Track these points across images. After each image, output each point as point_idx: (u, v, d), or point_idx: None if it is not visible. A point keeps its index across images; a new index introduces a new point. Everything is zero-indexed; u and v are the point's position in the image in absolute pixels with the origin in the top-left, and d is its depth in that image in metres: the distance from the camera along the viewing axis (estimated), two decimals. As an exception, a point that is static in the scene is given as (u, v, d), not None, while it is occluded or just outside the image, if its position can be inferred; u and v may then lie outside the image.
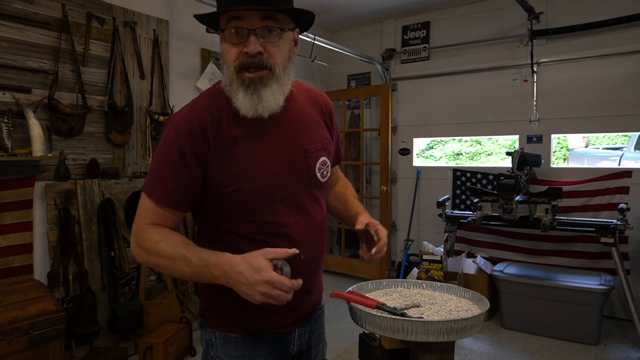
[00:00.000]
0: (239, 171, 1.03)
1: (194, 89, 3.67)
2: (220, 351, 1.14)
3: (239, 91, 1.01)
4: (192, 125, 1.01)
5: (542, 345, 3.21)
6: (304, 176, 1.11)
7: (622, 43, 3.56)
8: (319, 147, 1.15)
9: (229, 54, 1.01)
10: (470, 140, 6.89)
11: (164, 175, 1.03)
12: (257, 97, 1.00)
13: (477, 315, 0.97)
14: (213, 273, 0.96)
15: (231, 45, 1.00)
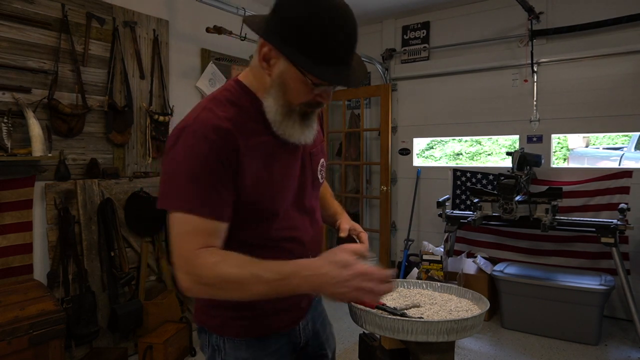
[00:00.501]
0: (259, 179, 1.00)
1: (194, 89, 3.67)
2: (230, 355, 1.10)
3: (296, 122, 1.02)
4: (223, 134, 0.95)
5: (542, 345, 3.21)
6: (310, 179, 1.15)
7: (622, 43, 3.56)
8: (319, 149, 1.18)
9: (300, 95, 0.98)
10: (470, 140, 6.89)
11: (200, 184, 0.93)
12: (310, 129, 1.06)
13: (477, 315, 0.97)
14: (293, 283, 0.89)
15: (308, 90, 0.97)
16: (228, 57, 3.90)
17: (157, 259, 3.22)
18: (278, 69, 0.96)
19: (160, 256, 3.22)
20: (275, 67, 0.97)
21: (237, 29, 3.42)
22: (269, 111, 1.00)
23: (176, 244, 0.94)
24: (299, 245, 1.08)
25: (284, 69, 0.95)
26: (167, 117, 3.34)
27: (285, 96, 0.98)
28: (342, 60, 0.94)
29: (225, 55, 3.87)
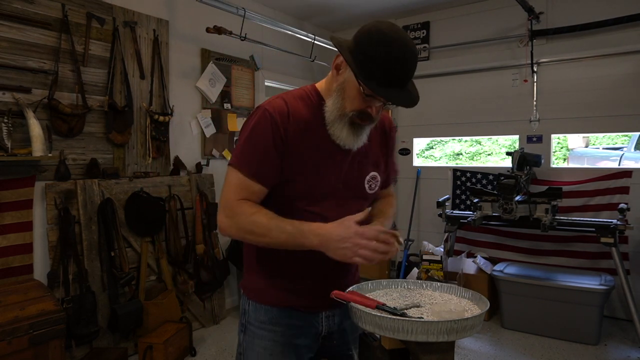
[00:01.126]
0: (299, 166, 1.18)
1: (194, 89, 3.67)
2: (251, 317, 1.28)
3: (344, 127, 1.18)
4: (282, 117, 1.16)
5: (542, 345, 3.21)
6: (353, 185, 1.26)
7: (622, 43, 3.56)
8: (372, 162, 1.30)
9: (354, 102, 1.14)
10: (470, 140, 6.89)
11: (255, 152, 1.15)
12: (358, 137, 1.20)
13: (477, 315, 0.97)
14: (308, 238, 1.09)
15: (363, 100, 1.13)
16: (228, 57, 3.90)
17: (157, 259, 3.22)
18: (343, 77, 1.16)
19: (160, 256, 3.22)
20: (341, 75, 1.16)
21: (237, 29, 3.42)
22: (327, 110, 1.19)
23: (225, 192, 1.18)
24: None
25: (347, 77, 1.14)
26: (167, 117, 3.34)
27: (342, 101, 1.16)
28: (394, 83, 1.08)
29: (225, 55, 3.87)
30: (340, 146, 1.20)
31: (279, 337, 1.25)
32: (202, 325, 3.50)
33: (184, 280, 3.32)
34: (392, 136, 1.41)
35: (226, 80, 3.88)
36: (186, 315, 3.35)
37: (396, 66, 1.06)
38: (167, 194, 3.31)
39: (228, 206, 1.16)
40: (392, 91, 1.09)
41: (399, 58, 1.06)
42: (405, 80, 1.10)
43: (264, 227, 1.11)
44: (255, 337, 1.27)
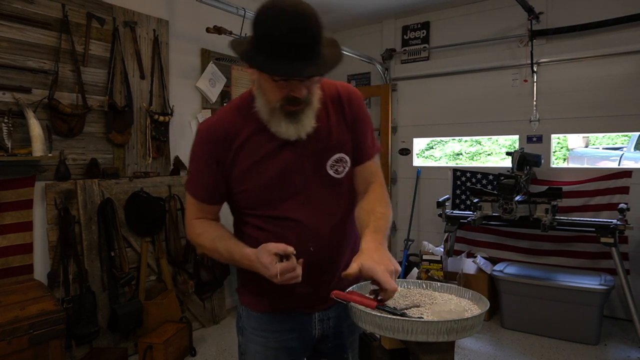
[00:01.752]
0: (247, 173, 1.17)
1: (194, 89, 3.67)
2: (245, 323, 1.31)
3: (281, 120, 1.12)
4: (213, 134, 1.18)
5: (542, 345, 3.21)
6: (316, 174, 1.19)
7: (622, 43, 3.56)
8: (334, 144, 1.21)
9: (273, 93, 1.09)
10: (470, 140, 6.89)
11: (196, 174, 1.22)
12: (300, 125, 1.13)
13: (477, 315, 0.97)
14: (241, 263, 1.16)
15: (276, 87, 1.07)
16: (228, 57, 3.89)
17: (157, 259, 3.22)
18: (256, 74, 1.11)
19: (160, 256, 3.22)
20: (254, 73, 1.11)
21: (237, 29, 3.42)
22: (259, 112, 1.14)
23: (185, 211, 1.30)
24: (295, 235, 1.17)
25: (258, 73, 1.09)
26: (167, 117, 3.34)
27: (264, 97, 1.12)
28: (295, 55, 1.00)
29: (225, 55, 3.87)
30: (289, 140, 1.14)
31: (271, 342, 1.26)
32: (202, 325, 3.50)
33: (184, 280, 3.32)
34: (354, 105, 1.24)
35: (226, 80, 3.88)
36: (186, 315, 3.35)
37: (282, 36, 0.98)
38: (167, 194, 3.30)
39: (186, 224, 1.29)
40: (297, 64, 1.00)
41: (281, 25, 0.98)
42: (303, 47, 1.00)
43: (207, 249, 1.22)
44: (250, 341, 1.29)
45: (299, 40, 1.00)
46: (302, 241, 1.16)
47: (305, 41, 1.00)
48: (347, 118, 1.24)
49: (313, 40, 1.02)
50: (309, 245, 1.17)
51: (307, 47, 1.01)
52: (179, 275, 3.34)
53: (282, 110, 1.10)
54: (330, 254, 1.23)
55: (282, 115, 1.11)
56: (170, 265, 3.29)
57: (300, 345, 1.28)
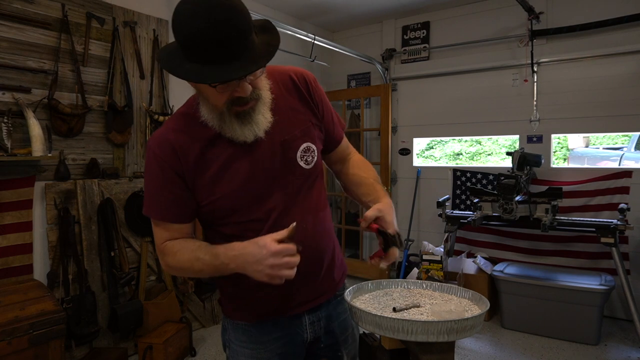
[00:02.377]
0: (213, 182, 1.08)
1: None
2: (232, 336, 1.23)
3: (233, 123, 1.03)
4: (165, 146, 1.06)
5: (542, 345, 3.21)
6: (287, 168, 1.11)
7: (623, 43, 3.56)
8: (298, 134, 1.13)
9: (215, 98, 0.99)
10: (470, 140, 6.89)
11: (156, 195, 1.09)
12: (254, 124, 1.04)
13: (477, 315, 0.97)
14: (224, 262, 1.01)
15: (217, 91, 0.97)
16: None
17: (157, 259, 3.22)
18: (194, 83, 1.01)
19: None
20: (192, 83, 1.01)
21: (237, 29, 3.42)
22: (207, 120, 1.05)
23: (154, 237, 1.15)
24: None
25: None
26: (167, 117, 3.34)
27: (208, 102, 1.03)
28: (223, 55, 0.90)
29: (225, 55, 3.86)
30: (247, 142, 1.06)
31: (262, 353, 1.19)
32: (202, 325, 3.50)
33: (183, 280, 3.32)
34: (313, 89, 1.19)
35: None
36: (186, 315, 3.35)
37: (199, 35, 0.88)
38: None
39: (158, 251, 1.14)
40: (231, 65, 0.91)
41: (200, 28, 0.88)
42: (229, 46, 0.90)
43: (188, 263, 1.07)
44: (239, 355, 1.21)
45: (220, 36, 0.88)
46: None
47: (228, 35, 0.88)
48: (310, 104, 1.18)
49: (237, 31, 0.89)
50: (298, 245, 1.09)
51: (232, 42, 0.89)
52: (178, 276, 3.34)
53: (231, 112, 1.01)
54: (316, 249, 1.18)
55: (233, 117, 1.02)
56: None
57: (292, 350, 1.22)
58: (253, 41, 0.94)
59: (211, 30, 0.88)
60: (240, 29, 0.90)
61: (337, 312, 1.28)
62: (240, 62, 0.91)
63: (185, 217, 1.12)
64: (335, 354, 1.29)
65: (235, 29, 0.89)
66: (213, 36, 0.88)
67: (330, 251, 1.23)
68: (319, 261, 1.20)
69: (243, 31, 0.91)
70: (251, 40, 0.93)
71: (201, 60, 0.91)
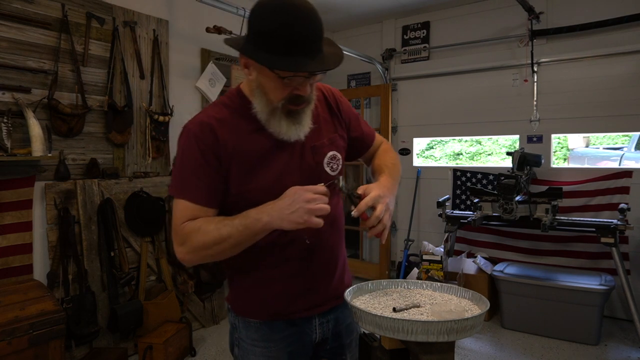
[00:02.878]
0: (249, 172, 1.11)
1: (194, 89, 3.67)
2: (242, 334, 1.25)
3: (282, 120, 1.09)
4: (206, 130, 1.09)
5: (542, 345, 3.21)
6: (314, 172, 1.17)
7: (623, 43, 3.56)
8: (326, 142, 1.21)
9: (275, 92, 1.05)
10: (470, 140, 6.89)
11: (189, 176, 1.09)
12: (300, 125, 1.11)
13: (477, 315, 0.97)
14: (256, 217, 1.02)
15: (281, 85, 1.04)
16: (228, 57, 3.89)
17: (157, 259, 3.21)
18: (255, 73, 1.07)
19: (160, 256, 3.22)
20: (252, 72, 1.08)
21: (237, 29, 3.42)
22: (257, 112, 1.10)
23: (173, 222, 1.12)
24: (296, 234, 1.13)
25: (258, 69, 1.05)
26: (167, 117, 3.33)
27: (265, 96, 1.08)
28: (300, 50, 0.98)
29: (225, 55, 3.87)
30: (284, 141, 1.12)
31: (272, 352, 1.22)
32: (202, 325, 3.50)
33: (183, 280, 3.32)
34: (340, 101, 1.30)
35: (226, 80, 3.88)
36: (186, 315, 3.35)
37: (294, 32, 0.96)
38: (167, 194, 3.30)
39: (177, 233, 1.09)
40: (305, 60, 0.99)
41: (293, 21, 0.96)
42: (313, 43, 1.00)
43: (215, 232, 1.04)
44: (249, 353, 1.24)
45: (306, 36, 0.98)
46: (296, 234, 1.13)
47: (312, 37, 0.99)
48: (338, 117, 1.27)
49: (318, 36, 1.01)
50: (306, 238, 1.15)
51: (314, 44, 1.00)
52: (178, 275, 3.33)
53: (284, 109, 1.08)
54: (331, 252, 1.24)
55: (283, 115, 1.08)
56: (170, 265, 3.28)
57: (301, 350, 1.25)
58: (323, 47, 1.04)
59: (297, 25, 0.96)
60: (319, 30, 1.01)
61: (344, 315, 1.31)
62: (316, 61, 1.00)
63: (214, 202, 1.11)
64: (340, 357, 1.32)
65: (316, 29, 1.00)
66: (297, 30, 0.97)
67: (342, 257, 1.31)
68: (333, 264, 1.26)
69: (320, 34, 1.01)
70: (322, 45, 1.03)
71: (279, 52, 0.97)
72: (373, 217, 1.06)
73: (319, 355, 1.31)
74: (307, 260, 1.18)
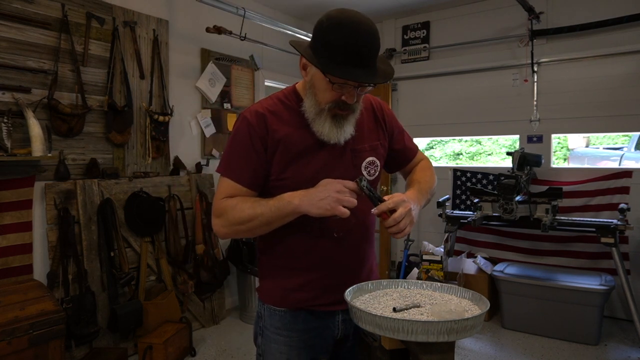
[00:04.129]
0: (289, 162, 1.20)
1: (194, 89, 3.67)
2: (267, 322, 1.30)
3: (326, 121, 1.18)
4: (259, 118, 1.20)
5: (542, 345, 3.21)
6: (351, 173, 1.22)
7: (622, 43, 3.56)
8: (367, 148, 1.30)
9: (326, 94, 1.15)
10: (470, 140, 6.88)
11: (238, 158, 1.20)
12: (341, 130, 1.19)
13: (477, 315, 0.97)
14: (288, 200, 1.12)
15: (331, 89, 1.13)
16: (228, 57, 3.89)
17: (157, 259, 3.21)
18: (310, 74, 1.18)
19: (160, 256, 3.22)
20: (309, 73, 1.19)
21: (237, 29, 3.42)
22: (305, 110, 1.20)
23: (214, 197, 1.23)
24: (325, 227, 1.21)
25: (314, 73, 1.16)
26: (167, 117, 3.33)
27: (315, 97, 1.17)
28: (355, 62, 1.08)
29: (225, 55, 3.87)
30: (327, 142, 1.20)
31: (294, 342, 1.26)
32: (202, 325, 3.50)
33: (183, 280, 3.32)
34: (386, 114, 1.41)
35: (226, 80, 3.88)
36: (186, 315, 3.35)
37: (351, 44, 1.07)
38: (167, 194, 3.30)
39: (216, 207, 1.21)
40: (357, 70, 1.08)
41: (352, 36, 1.07)
42: (366, 57, 1.10)
43: (249, 210, 1.15)
44: (271, 342, 1.28)
45: (363, 51, 1.08)
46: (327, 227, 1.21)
47: (368, 53, 1.10)
48: (382, 127, 1.37)
49: (374, 53, 1.12)
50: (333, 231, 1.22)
51: (369, 59, 1.10)
52: (178, 276, 3.33)
53: (330, 112, 1.17)
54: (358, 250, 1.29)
55: (329, 117, 1.17)
56: (170, 266, 3.28)
57: (322, 344, 1.29)
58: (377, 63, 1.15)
59: (357, 40, 1.07)
60: (376, 48, 1.12)
61: None
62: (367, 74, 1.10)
63: (255, 185, 1.21)
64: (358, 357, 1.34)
65: (373, 47, 1.11)
66: (356, 44, 1.07)
67: (370, 261, 1.37)
68: (360, 264, 1.31)
69: (376, 52, 1.13)
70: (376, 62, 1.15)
71: (335, 60, 1.08)
72: (391, 218, 1.11)
73: (337, 355, 1.34)
74: (334, 255, 1.24)
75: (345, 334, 1.32)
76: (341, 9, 1.13)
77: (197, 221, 3.44)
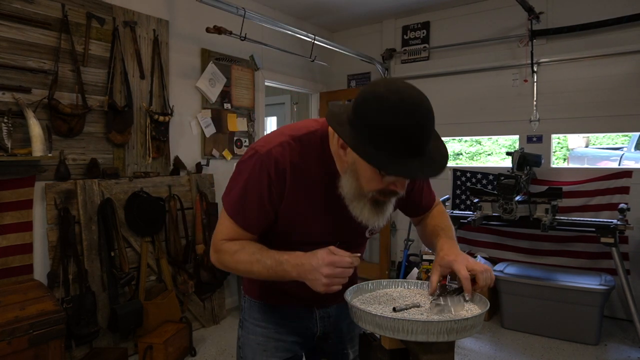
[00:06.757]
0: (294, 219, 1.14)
1: (194, 89, 3.67)
2: (247, 314, 1.32)
3: (365, 206, 1.06)
4: (281, 174, 1.09)
5: (542, 345, 3.21)
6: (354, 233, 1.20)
7: (622, 43, 3.56)
8: None
9: (371, 183, 1.01)
10: (470, 140, 6.89)
11: (247, 203, 1.11)
12: (382, 215, 1.08)
13: (477, 315, 0.97)
14: (285, 269, 1.05)
15: (379, 178, 1.00)
16: (228, 57, 3.89)
17: (157, 259, 3.21)
18: (352, 157, 1.02)
19: (160, 256, 3.22)
20: (349, 155, 1.03)
21: (237, 29, 3.42)
22: (341, 188, 1.07)
23: (216, 230, 1.18)
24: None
25: (356, 157, 0.98)
26: (167, 117, 3.33)
27: (357, 181, 1.04)
28: (410, 152, 0.93)
29: (225, 55, 3.87)
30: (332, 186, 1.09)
31: (272, 333, 1.28)
32: (202, 325, 3.50)
33: (184, 280, 3.32)
34: None
35: (226, 80, 3.88)
36: (186, 315, 3.35)
37: (409, 135, 0.91)
38: (167, 194, 3.30)
39: (215, 243, 1.17)
40: (414, 162, 0.93)
41: (411, 124, 0.91)
42: (422, 145, 0.94)
43: (246, 264, 1.10)
44: (250, 333, 1.30)
45: (420, 140, 0.93)
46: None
47: (425, 140, 0.95)
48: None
49: (430, 137, 0.96)
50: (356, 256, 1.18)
51: (426, 145, 0.95)
52: (179, 276, 3.34)
53: (372, 198, 1.04)
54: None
55: (369, 202, 1.05)
56: (170, 265, 3.29)
57: (300, 339, 1.30)
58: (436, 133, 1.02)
59: (414, 128, 0.91)
60: (432, 131, 0.96)
61: (346, 312, 1.30)
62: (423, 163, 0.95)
63: (260, 229, 1.16)
64: (342, 351, 1.36)
65: (430, 131, 0.95)
66: (413, 133, 0.91)
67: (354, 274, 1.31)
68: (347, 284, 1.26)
69: (432, 135, 0.97)
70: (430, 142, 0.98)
71: (387, 149, 0.92)
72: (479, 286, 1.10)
73: (321, 351, 1.34)
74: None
75: (324, 331, 1.32)
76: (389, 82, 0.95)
77: (197, 221, 3.44)
